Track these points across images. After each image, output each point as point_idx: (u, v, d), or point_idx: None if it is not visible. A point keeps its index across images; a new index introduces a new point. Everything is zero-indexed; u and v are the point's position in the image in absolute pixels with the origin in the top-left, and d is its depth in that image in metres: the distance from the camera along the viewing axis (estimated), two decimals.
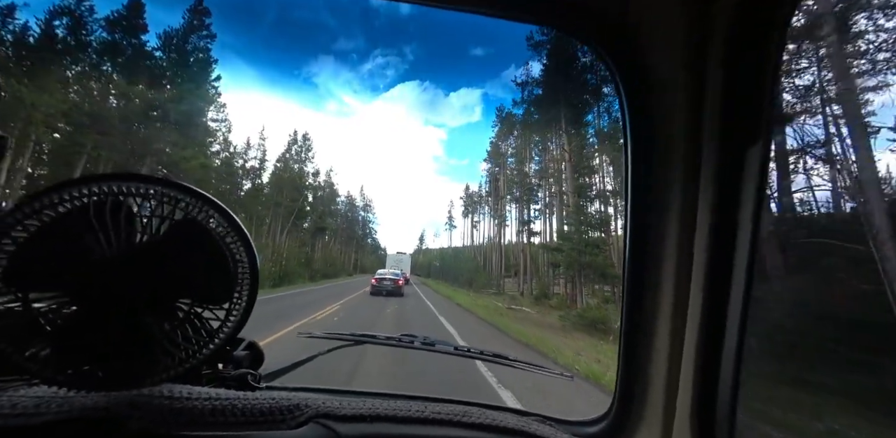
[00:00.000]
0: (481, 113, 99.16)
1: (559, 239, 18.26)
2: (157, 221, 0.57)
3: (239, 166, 39.68)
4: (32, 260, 0.51)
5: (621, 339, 0.81)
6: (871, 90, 6.08)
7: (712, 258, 0.64)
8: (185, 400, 0.55)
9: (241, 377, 0.74)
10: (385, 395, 0.88)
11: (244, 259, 0.60)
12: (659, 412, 0.72)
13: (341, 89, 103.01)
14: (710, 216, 0.64)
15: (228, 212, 0.60)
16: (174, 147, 18.05)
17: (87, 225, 0.52)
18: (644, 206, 0.75)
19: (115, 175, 0.56)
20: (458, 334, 9.09)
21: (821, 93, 5.93)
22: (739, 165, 0.60)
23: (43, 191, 0.52)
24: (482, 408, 0.70)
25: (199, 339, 0.59)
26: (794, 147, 5.06)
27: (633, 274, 0.78)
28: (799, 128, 5.33)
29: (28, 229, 0.51)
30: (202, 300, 0.59)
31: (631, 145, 0.76)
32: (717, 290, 0.63)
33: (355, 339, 1.07)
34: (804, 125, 5.87)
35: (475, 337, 8.94)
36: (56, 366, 0.52)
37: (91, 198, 0.54)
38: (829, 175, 4.72)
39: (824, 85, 5.74)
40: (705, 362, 0.65)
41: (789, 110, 6.01)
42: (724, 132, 0.63)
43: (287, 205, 39.16)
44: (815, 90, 6.05)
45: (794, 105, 5.94)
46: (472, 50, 75.94)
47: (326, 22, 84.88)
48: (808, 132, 5.45)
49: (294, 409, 0.58)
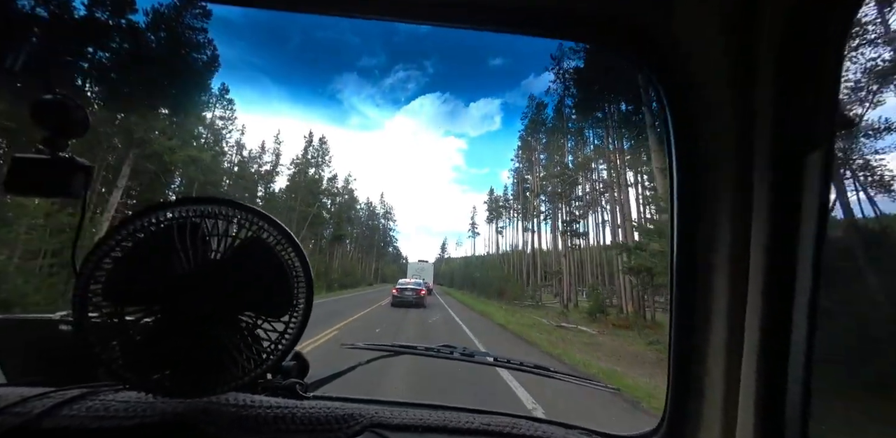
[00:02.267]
0: (501, 122, 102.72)
1: (643, 236, 13.99)
2: (228, 240, 0.62)
3: (254, 171, 38.06)
4: (128, 278, 0.57)
5: (671, 351, 0.78)
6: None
7: (770, 275, 0.60)
8: (250, 408, 0.60)
9: (290, 386, 0.77)
10: (432, 406, 0.85)
11: (300, 273, 0.65)
12: (717, 426, 0.68)
13: (364, 104, 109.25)
14: (767, 229, 0.61)
15: (286, 229, 0.64)
16: (162, 136, 15.63)
17: (171, 245, 0.59)
18: (692, 221, 0.73)
19: (191, 199, 0.62)
20: (527, 393, 4.97)
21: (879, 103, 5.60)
22: (798, 176, 0.57)
23: (134, 215, 0.60)
24: (529, 420, 0.71)
25: (262, 350, 0.64)
26: (859, 157, 5.03)
27: (682, 286, 0.75)
28: (861, 138, 5.21)
29: (124, 249, 0.58)
30: (264, 312, 0.64)
31: (676, 160, 0.74)
32: (777, 302, 0.60)
33: (395, 350, 1.09)
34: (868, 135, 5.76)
35: (547, 391, 5.10)
36: (143, 373, 0.58)
37: (173, 221, 0.60)
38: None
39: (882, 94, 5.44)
40: (768, 379, 0.60)
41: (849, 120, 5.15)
42: (776, 138, 0.60)
43: (302, 210, 36.67)
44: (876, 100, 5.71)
45: (856, 114, 5.35)
46: (490, 61, 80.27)
47: (349, 40, 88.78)
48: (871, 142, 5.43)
49: (349, 419, 0.61)
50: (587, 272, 27.08)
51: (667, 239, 0.82)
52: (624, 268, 14.79)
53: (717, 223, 0.68)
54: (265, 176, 35.88)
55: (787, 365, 0.58)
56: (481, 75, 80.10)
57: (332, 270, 44.40)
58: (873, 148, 6.02)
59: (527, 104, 35.86)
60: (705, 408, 0.70)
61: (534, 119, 34.14)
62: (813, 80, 0.55)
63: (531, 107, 34.85)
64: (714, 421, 0.69)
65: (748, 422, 0.62)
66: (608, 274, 25.37)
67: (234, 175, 32.05)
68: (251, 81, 69.06)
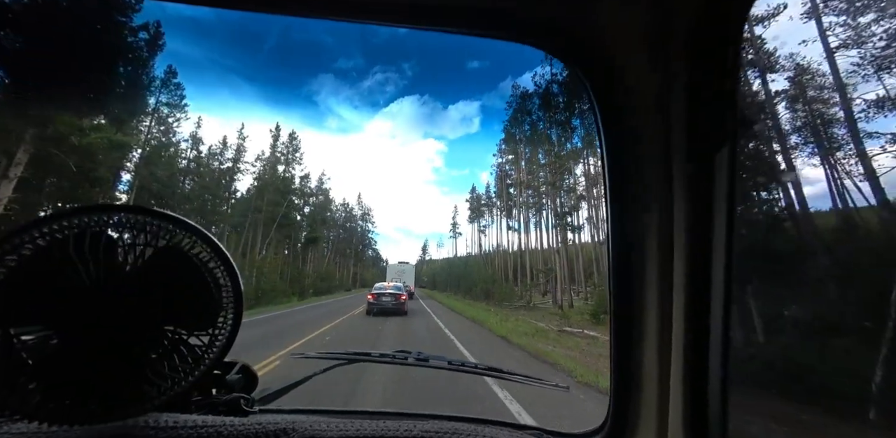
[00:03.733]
0: (479, 124, 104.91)
1: None
2: (138, 250, 0.57)
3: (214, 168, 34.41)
4: (14, 296, 0.51)
5: (612, 349, 0.79)
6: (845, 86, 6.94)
7: (691, 264, 0.63)
8: (171, 430, 0.55)
9: (233, 401, 0.73)
10: (377, 414, 0.86)
11: (227, 283, 0.61)
12: (652, 422, 0.70)
13: (341, 106, 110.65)
14: (685, 221, 0.64)
15: (210, 238, 0.61)
16: (73, 115, 12.53)
17: (65, 258, 0.53)
18: (622, 212, 0.75)
19: (91, 207, 0.56)
20: None
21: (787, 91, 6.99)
22: (709, 169, 0.60)
23: (20, 227, 0.53)
24: (476, 424, 0.70)
25: (184, 366, 0.59)
26: (766, 146, 4.64)
27: (618, 283, 0.76)
28: (767, 127, 4.90)
29: (8, 265, 0.51)
30: (186, 326, 0.59)
31: (606, 152, 0.76)
32: (698, 296, 0.62)
33: (349, 358, 1.06)
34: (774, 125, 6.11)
35: None
36: (38, 401, 0.51)
37: (69, 231, 0.54)
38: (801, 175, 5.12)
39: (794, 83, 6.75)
40: (693, 369, 0.63)
41: (756, 110, 5.98)
42: (690, 134, 0.63)
43: (269, 210, 33.35)
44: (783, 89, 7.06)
45: (764, 104, 6.04)
46: (469, 63, 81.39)
47: (326, 42, 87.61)
48: (778, 132, 5.41)
49: (280, 433, 0.58)
50: (580, 269, 25.23)
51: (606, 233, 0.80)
52: None
53: (645, 216, 0.70)
54: (225, 173, 32.35)
55: (707, 358, 0.60)
56: (460, 78, 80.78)
57: (305, 276, 41.11)
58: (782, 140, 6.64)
59: (510, 93, 33.98)
60: (643, 402, 0.72)
61: (518, 108, 32.36)
62: (720, 81, 0.59)
63: (515, 96, 33.07)
64: (650, 415, 0.70)
65: (677, 416, 0.65)
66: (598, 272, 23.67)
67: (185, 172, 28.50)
68: (223, 83, 67.44)
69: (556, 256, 22.96)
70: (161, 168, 25.17)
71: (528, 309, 21.97)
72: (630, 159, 0.72)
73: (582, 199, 24.44)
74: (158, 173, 25.54)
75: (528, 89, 32.23)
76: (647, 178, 0.69)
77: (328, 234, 57.66)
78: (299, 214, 44.40)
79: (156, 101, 23.17)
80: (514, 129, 34.37)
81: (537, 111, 28.78)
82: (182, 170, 28.08)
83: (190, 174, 30.40)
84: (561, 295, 21.30)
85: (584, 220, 24.66)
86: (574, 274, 23.80)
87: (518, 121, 33.52)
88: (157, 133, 24.43)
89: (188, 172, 29.04)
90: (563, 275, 21.92)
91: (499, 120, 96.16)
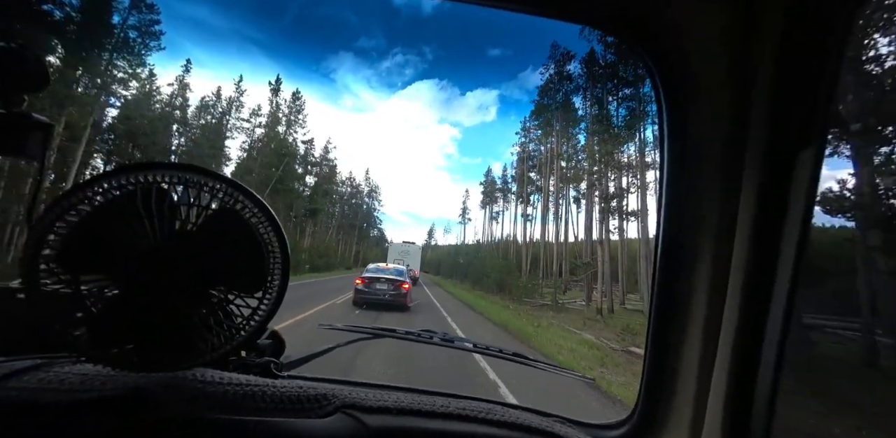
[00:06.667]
0: (496, 113, 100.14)
1: None
2: (197, 210, 0.59)
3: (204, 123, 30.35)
4: (83, 244, 0.53)
5: (648, 344, 0.79)
6: None
7: (752, 267, 0.62)
8: (217, 385, 0.57)
9: (264, 365, 0.76)
10: (407, 389, 0.85)
11: (276, 249, 0.62)
12: (686, 420, 0.70)
13: (358, 85, 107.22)
14: (752, 224, 0.62)
15: (263, 203, 0.62)
16: None
17: (134, 212, 0.55)
18: (679, 211, 0.74)
19: (157, 164, 0.58)
20: None
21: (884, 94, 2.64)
22: (787, 173, 0.58)
23: (95, 178, 0.55)
24: (504, 407, 0.71)
25: (232, 326, 0.62)
26: (853, 154, 2.97)
27: (663, 278, 0.76)
28: (859, 134, 2.75)
29: (80, 214, 0.53)
30: (236, 288, 0.62)
31: (668, 151, 0.75)
32: (756, 301, 0.61)
33: (375, 333, 1.09)
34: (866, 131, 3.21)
35: None
36: (101, 346, 0.55)
37: (138, 185, 0.56)
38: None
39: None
40: (740, 371, 0.62)
41: (850, 116, 2.33)
42: (770, 138, 0.61)
43: (259, 172, 29.35)
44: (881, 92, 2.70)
45: (858, 110, 2.36)
46: (489, 51, 77.18)
47: (348, 20, 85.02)
48: (870, 138, 3.16)
49: (322, 398, 0.60)
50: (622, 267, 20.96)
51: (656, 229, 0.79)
52: None
53: (703, 218, 0.69)
54: (214, 126, 28.22)
55: (758, 364, 0.60)
56: (480, 65, 76.99)
57: (301, 249, 37.54)
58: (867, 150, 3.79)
59: (548, 54, 28.84)
60: (676, 401, 0.72)
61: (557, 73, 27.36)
62: (812, 75, 0.55)
63: (554, 57, 28.01)
64: (684, 415, 0.70)
65: (716, 417, 0.64)
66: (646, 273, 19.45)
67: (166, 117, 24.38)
68: (242, 53, 65.88)
69: (598, 248, 18.61)
70: (133, 111, 21.15)
71: (556, 310, 17.93)
72: (694, 156, 0.70)
73: (630, 188, 19.93)
74: (133, 116, 21.52)
75: (571, 51, 27.15)
76: (713, 177, 0.68)
77: (332, 210, 53.99)
78: (299, 183, 40.49)
79: (120, 28, 18.85)
80: (546, 100, 29.49)
81: (587, 81, 23.90)
82: (161, 115, 24.01)
83: (175, 123, 26.41)
84: (601, 296, 17.09)
85: (635, 206, 20.23)
86: (617, 273, 19.52)
87: (552, 89, 28.64)
88: (125, 66, 20.24)
89: (169, 119, 25.03)
90: (603, 272, 17.66)
91: (516, 111, 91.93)
